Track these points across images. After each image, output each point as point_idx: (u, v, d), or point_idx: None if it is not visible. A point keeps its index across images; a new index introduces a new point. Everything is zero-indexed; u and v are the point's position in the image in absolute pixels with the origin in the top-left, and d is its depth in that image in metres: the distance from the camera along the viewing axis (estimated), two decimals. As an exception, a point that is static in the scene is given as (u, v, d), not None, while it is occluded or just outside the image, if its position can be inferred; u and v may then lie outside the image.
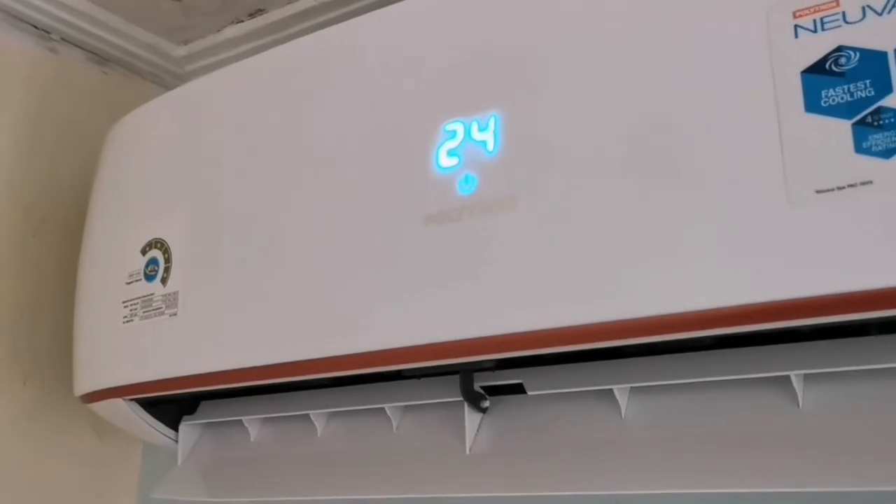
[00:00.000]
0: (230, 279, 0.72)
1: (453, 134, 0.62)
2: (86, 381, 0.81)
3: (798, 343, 0.54)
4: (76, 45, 1.03)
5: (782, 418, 0.56)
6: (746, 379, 0.57)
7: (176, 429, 0.85)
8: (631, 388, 0.62)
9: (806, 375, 0.55)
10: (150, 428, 0.83)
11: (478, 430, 0.69)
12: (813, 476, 0.54)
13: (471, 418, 0.69)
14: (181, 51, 1.07)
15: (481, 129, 0.61)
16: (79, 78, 1.04)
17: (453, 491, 0.68)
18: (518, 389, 0.66)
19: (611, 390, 0.62)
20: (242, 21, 1.01)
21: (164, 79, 1.10)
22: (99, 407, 0.82)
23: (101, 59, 1.06)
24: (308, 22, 0.97)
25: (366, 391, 0.72)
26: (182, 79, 1.09)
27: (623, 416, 0.63)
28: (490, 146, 0.60)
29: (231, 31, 1.02)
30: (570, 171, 0.57)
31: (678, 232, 0.52)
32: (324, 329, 0.65)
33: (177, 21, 1.02)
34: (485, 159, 0.60)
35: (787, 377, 0.55)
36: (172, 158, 0.80)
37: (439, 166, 0.62)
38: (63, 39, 1.02)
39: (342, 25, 0.72)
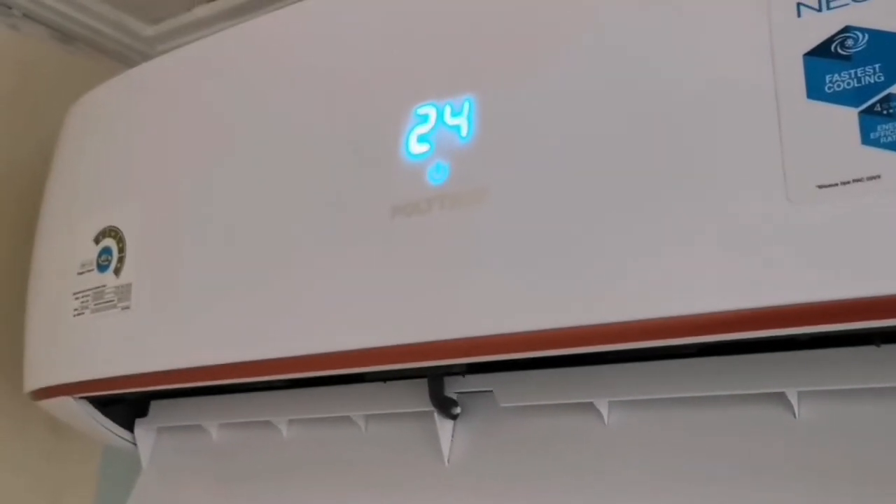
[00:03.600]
0: (186, 272, 0.67)
1: (425, 118, 0.57)
2: (34, 378, 0.76)
3: (794, 352, 0.50)
4: (39, 22, 0.98)
5: (778, 431, 0.52)
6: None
7: (131, 429, 0.80)
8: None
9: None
10: (104, 429, 0.78)
11: (452, 438, 0.65)
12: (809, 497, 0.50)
13: (443, 425, 0.64)
14: (150, 30, 1.02)
15: (455, 114, 0.56)
16: (42, 56, 0.99)
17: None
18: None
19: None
20: (214, 0, 0.96)
21: (133, 59, 1.05)
22: (49, 405, 0.77)
23: (65, 36, 1.01)
24: (283, 1, 0.92)
25: (330, 394, 0.68)
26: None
27: (606, 423, 0.58)
28: (464, 132, 0.56)
29: (202, 11, 0.97)
30: (550, 161, 0.52)
31: (666, 230, 0.47)
32: (283, 327, 0.61)
33: (145, -2, 0.97)
34: (458, 146, 0.56)
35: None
36: (130, 141, 0.75)
37: (409, 153, 0.57)
38: (25, 15, 0.97)
39: (310, 1, 0.67)
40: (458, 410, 0.64)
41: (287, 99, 0.65)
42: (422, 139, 0.57)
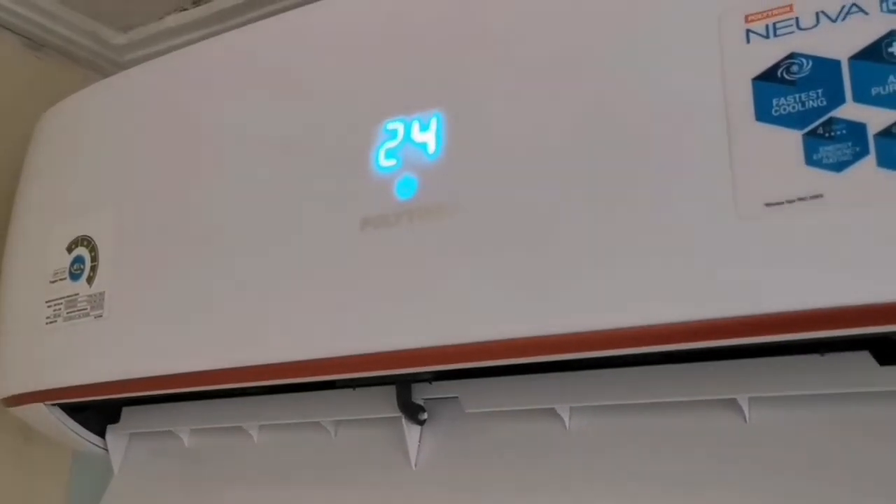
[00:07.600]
0: (159, 281, 0.68)
1: (394, 134, 0.59)
2: (6, 385, 0.77)
3: (745, 360, 0.52)
4: (8, 29, 0.98)
5: (730, 435, 0.55)
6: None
7: (103, 436, 0.81)
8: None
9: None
10: (76, 435, 0.79)
11: (420, 443, 0.66)
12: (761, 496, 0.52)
13: (411, 431, 0.66)
14: (121, 38, 1.02)
15: (423, 129, 0.58)
16: (11, 63, 0.99)
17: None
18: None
19: (554, 403, 0.60)
20: (186, 9, 0.97)
21: (104, 67, 1.05)
22: (21, 412, 0.78)
23: (35, 44, 1.01)
24: (254, 12, 0.92)
25: (300, 400, 0.69)
26: (122, 68, 1.03)
27: (567, 428, 0.60)
28: (431, 148, 0.57)
29: (173, 20, 0.97)
30: (515, 177, 0.54)
31: (624, 244, 0.50)
32: (255, 336, 0.62)
33: (116, 6, 0.97)
34: (425, 162, 0.57)
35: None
36: (103, 151, 0.76)
37: (378, 167, 0.59)
38: (-5, 23, 0.97)
39: (282, 16, 0.68)
40: (425, 416, 0.66)
41: (259, 111, 0.66)
42: (390, 154, 0.59)
